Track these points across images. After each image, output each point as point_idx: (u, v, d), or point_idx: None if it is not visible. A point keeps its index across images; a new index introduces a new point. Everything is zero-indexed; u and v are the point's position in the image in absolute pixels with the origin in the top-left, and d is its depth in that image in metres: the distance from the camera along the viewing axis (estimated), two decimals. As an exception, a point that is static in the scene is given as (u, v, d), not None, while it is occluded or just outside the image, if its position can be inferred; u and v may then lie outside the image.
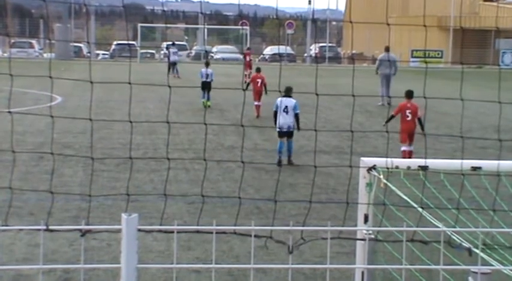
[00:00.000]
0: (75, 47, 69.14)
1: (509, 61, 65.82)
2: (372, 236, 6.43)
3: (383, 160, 6.94)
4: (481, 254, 4.88)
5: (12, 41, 64.88)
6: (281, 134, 18.44)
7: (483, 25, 70.76)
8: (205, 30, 77.83)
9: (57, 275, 10.14)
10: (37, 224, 4.69)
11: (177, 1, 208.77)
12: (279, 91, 18.55)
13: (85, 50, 71.08)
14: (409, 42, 64.80)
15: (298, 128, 18.27)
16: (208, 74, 29.38)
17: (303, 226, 10.98)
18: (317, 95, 6.47)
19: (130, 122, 6.56)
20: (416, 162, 7.26)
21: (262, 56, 70.77)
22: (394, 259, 7.62)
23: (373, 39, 64.33)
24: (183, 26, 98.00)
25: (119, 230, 4.26)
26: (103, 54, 75.27)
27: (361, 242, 6.62)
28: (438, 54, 68.27)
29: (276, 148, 18.62)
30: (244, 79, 36.71)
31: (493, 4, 72.78)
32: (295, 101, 18.44)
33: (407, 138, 18.19)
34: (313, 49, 72.47)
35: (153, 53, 74.04)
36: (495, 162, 7.07)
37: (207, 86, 29.21)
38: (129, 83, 6.20)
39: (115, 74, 41.38)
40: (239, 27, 74.20)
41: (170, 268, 11.27)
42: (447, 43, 70.77)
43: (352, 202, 7.61)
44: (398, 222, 6.64)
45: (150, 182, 16.18)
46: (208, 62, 31.06)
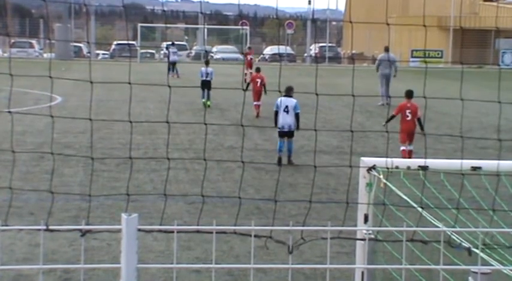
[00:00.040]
0: (75, 47, 69.13)
1: (509, 61, 65.82)
2: (372, 236, 6.43)
3: (383, 160, 6.94)
4: (481, 254, 4.88)
5: (12, 41, 64.88)
6: (282, 134, 18.42)
7: (483, 25, 70.79)
8: (205, 30, 77.82)
9: (57, 275, 10.14)
10: (37, 224, 4.70)
11: (177, 1, 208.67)
12: (279, 91, 18.54)
13: (85, 50, 71.08)
14: (409, 42, 64.82)
15: (298, 128, 18.27)
16: (208, 73, 29.34)
17: (303, 226, 10.99)
18: (317, 95, 6.47)
19: (130, 122, 6.56)
20: (416, 162, 7.26)
21: (262, 56, 70.76)
22: (394, 259, 7.62)
23: (373, 39, 64.34)
24: (183, 26, 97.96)
25: (119, 230, 4.26)
26: (103, 54, 75.28)
27: (361, 242, 6.62)
28: (438, 54, 68.29)
29: (276, 147, 18.63)
30: (244, 78, 36.68)
31: (493, 4, 72.74)
32: (296, 100, 18.43)
33: (406, 138, 18.18)
34: (313, 49, 72.46)
35: (153, 53, 74.00)
36: (495, 162, 7.07)
37: (207, 85, 29.16)
38: (129, 83, 6.20)
39: (115, 74, 41.37)
40: (239, 27, 74.21)
41: (170, 268, 11.27)
42: (447, 43, 70.79)
43: (352, 202, 7.61)
44: (398, 222, 6.64)
45: (150, 182, 16.18)
46: (208, 61, 31.08)
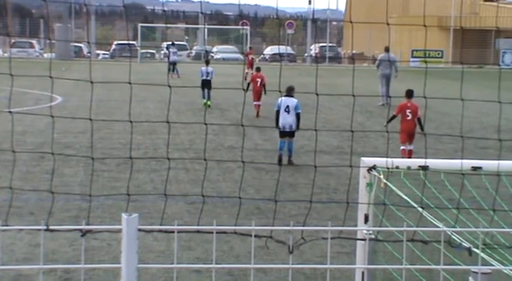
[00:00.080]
0: (76, 47, 69.14)
1: (509, 61, 65.83)
2: (372, 236, 6.43)
3: (383, 159, 6.94)
4: (481, 254, 4.88)
5: (12, 41, 64.90)
6: (282, 134, 18.40)
7: (483, 25, 70.80)
8: (206, 30, 77.81)
9: (57, 275, 10.14)
10: (37, 224, 4.70)
11: (177, 1, 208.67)
12: (279, 91, 18.52)
13: (85, 50, 71.10)
14: (409, 42, 64.82)
15: (298, 128, 18.26)
16: (208, 72, 29.35)
17: (303, 226, 10.98)
18: (317, 95, 6.47)
19: (131, 122, 6.55)
20: (416, 162, 7.25)
21: (262, 56, 70.77)
22: (394, 259, 7.62)
23: (374, 39, 64.33)
24: (183, 26, 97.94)
25: (119, 230, 4.26)
26: (103, 54, 75.30)
27: (362, 242, 6.62)
28: (438, 54, 68.30)
29: (277, 147, 18.63)
30: (244, 76, 36.65)
31: (493, 4, 72.74)
32: (297, 100, 18.42)
33: (406, 138, 18.17)
34: (314, 49, 72.46)
35: (153, 53, 74.00)
36: (495, 162, 7.07)
37: (207, 85, 29.18)
38: (129, 83, 6.20)
39: (115, 74, 41.37)
40: (239, 27, 74.21)
41: (170, 268, 11.27)
42: (447, 43, 70.80)
43: (352, 202, 7.61)
44: (399, 222, 6.64)
45: (151, 182, 16.18)
46: (208, 61, 31.11)
